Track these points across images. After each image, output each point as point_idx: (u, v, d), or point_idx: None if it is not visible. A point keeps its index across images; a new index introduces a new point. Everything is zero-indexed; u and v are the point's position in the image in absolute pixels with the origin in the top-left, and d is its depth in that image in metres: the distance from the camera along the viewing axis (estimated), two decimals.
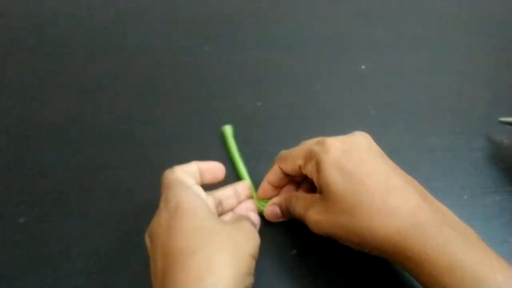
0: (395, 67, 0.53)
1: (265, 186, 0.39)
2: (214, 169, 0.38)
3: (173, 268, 0.28)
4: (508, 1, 0.62)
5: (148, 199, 0.41)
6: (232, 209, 0.39)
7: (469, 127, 0.46)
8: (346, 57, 0.55)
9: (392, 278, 0.35)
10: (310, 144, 0.35)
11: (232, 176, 0.42)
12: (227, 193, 0.39)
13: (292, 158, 0.36)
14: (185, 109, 0.49)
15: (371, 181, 0.31)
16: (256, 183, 0.41)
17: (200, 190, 0.35)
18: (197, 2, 0.63)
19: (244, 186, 0.40)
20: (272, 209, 0.38)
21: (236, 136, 0.46)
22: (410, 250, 0.28)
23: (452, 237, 0.28)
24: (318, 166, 0.33)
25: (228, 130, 0.45)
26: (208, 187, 0.38)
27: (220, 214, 0.38)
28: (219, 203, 0.38)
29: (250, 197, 0.40)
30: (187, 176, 0.35)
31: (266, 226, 0.39)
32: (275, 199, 0.39)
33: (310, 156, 0.34)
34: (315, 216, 0.33)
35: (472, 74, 0.52)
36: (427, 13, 0.61)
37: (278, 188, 0.39)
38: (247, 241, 0.32)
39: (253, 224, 0.36)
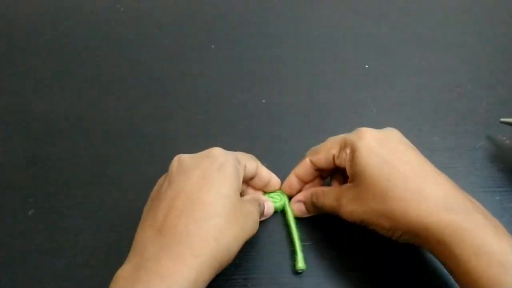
0: (397, 67, 0.54)
1: (292, 179, 0.39)
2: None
3: (189, 218, 0.30)
4: (508, 1, 0.62)
5: None
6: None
7: (470, 127, 0.47)
8: (350, 56, 0.55)
9: (394, 277, 0.36)
10: (343, 135, 0.36)
11: None
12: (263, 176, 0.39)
13: (325, 149, 0.37)
14: (191, 106, 0.50)
15: (405, 168, 0.32)
16: None
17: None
18: (204, 2, 0.64)
19: (276, 184, 0.40)
20: (298, 206, 0.39)
21: (241, 133, 0.47)
22: (441, 232, 0.29)
23: (482, 223, 0.29)
24: (353, 153, 0.34)
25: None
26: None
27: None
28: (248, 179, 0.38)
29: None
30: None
31: (268, 223, 0.39)
32: (299, 196, 0.39)
33: (345, 145, 0.35)
34: (349, 205, 0.34)
35: (474, 75, 0.52)
36: (430, 14, 0.61)
37: (304, 183, 0.40)
38: (251, 228, 0.33)
39: (262, 212, 0.38)
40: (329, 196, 0.36)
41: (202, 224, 0.30)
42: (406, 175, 0.31)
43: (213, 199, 0.31)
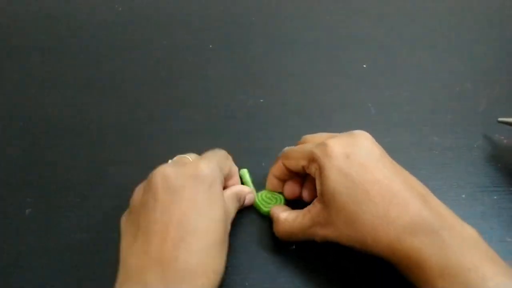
0: (395, 67, 0.54)
1: (271, 178, 0.40)
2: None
3: (188, 250, 0.30)
4: (508, 1, 0.63)
5: None
6: None
7: (468, 126, 0.47)
8: (348, 56, 0.55)
9: (389, 274, 0.36)
10: (311, 146, 0.36)
11: None
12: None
13: (295, 158, 0.37)
14: (190, 106, 0.50)
15: (373, 190, 0.31)
16: (258, 179, 0.42)
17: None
18: (203, 2, 0.64)
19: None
20: None
21: (240, 133, 0.47)
22: (409, 258, 0.29)
23: (448, 242, 0.29)
24: (320, 171, 0.34)
25: (245, 174, 0.42)
26: None
27: None
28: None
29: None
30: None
31: (265, 221, 0.39)
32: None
33: (313, 159, 0.35)
34: (321, 230, 0.34)
35: (472, 74, 0.52)
36: (428, 13, 0.61)
37: (283, 181, 0.40)
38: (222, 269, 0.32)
39: (241, 205, 0.39)
40: (296, 221, 0.36)
41: (200, 255, 0.30)
42: (375, 200, 0.31)
43: (207, 226, 0.31)
